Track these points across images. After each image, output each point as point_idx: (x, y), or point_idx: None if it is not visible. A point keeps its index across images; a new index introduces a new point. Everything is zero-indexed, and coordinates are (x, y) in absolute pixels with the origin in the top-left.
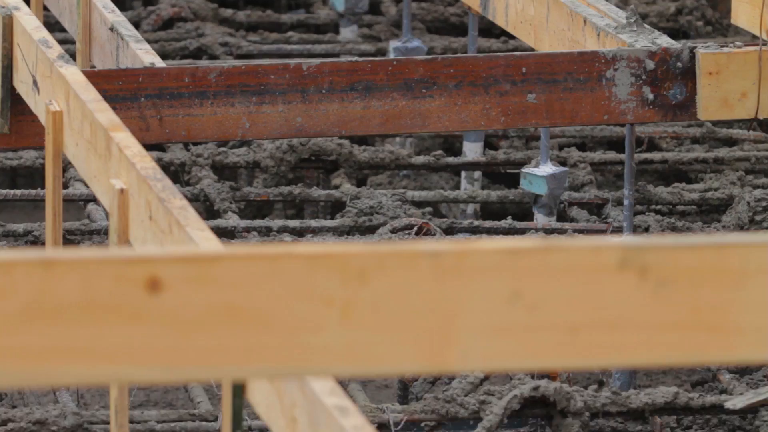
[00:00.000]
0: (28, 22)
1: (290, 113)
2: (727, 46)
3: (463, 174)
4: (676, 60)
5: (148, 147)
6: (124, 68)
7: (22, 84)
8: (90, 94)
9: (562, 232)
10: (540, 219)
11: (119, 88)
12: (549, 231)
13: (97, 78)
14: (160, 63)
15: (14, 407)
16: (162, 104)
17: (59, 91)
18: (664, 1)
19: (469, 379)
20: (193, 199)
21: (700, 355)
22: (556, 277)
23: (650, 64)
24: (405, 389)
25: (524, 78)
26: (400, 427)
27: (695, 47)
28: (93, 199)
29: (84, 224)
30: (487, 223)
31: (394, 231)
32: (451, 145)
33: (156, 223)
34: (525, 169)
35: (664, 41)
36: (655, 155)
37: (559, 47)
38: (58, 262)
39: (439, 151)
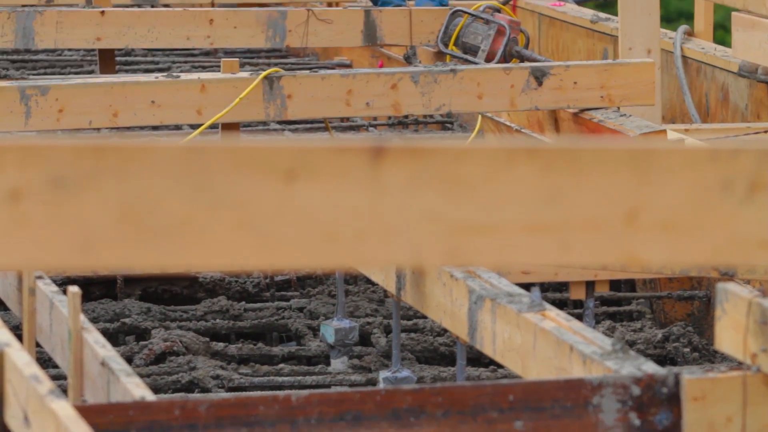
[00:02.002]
0: (19, 357)
1: None
2: (712, 371)
3: None
4: (662, 386)
5: None
6: (114, 402)
7: (13, 419)
8: (80, 429)
9: None
10: None
11: (110, 422)
12: None
13: (87, 412)
14: (150, 396)
15: None
16: None
17: (50, 425)
18: (651, 328)
19: None
20: None
21: None
22: None
23: (636, 390)
24: None
25: (511, 405)
26: None
27: (680, 373)
28: None
29: None
30: None
31: None
32: None
33: None
34: None
35: (650, 367)
36: None
37: (546, 374)
38: None
39: None
